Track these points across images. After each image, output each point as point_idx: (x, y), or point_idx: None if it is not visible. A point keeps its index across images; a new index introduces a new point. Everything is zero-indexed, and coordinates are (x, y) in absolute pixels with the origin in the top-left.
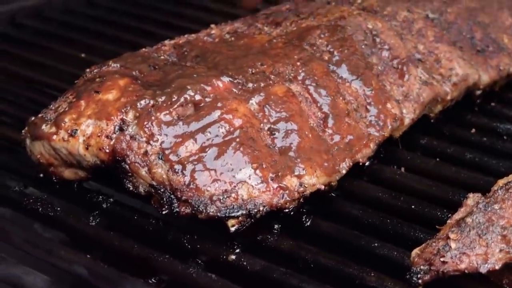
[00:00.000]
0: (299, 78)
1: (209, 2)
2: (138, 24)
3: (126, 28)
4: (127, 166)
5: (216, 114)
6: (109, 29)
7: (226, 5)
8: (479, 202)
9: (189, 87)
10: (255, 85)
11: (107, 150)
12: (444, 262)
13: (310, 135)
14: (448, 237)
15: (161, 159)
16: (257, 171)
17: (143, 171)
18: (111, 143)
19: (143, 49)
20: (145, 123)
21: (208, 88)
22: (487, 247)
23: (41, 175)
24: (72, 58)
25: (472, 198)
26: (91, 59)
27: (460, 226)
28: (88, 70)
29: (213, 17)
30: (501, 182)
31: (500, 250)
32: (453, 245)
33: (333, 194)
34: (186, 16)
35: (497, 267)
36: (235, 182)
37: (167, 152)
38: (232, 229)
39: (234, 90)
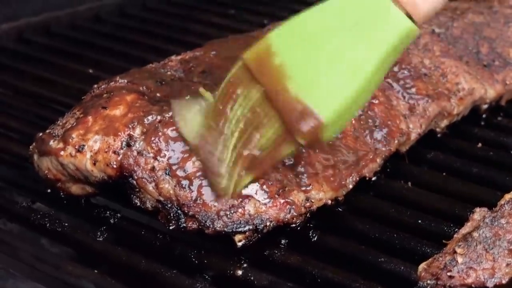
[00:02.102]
0: None
1: (217, 18)
2: (145, 40)
3: (134, 43)
4: (134, 182)
5: None
6: (116, 45)
7: (234, 21)
8: (486, 216)
9: None
10: None
11: (115, 166)
12: (451, 277)
13: (316, 150)
14: (455, 252)
15: (168, 174)
16: (264, 186)
17: (150, 187)
18: (118, 158)
19: (150, 64)
20: (152, 138)
21: None
22: (494, 262)
23: (49, 190)
24: (80, 74)
25: (478, 213)
26: (99, 74)
27: (467, 240)
28: (95, 85)
29: (221, 33)
30: (507, 196)
31: (507, 265)
32: (460, 259)
33: (339, 209)
34: (194, 32)
35: (504, 282)
36: (242, 197)
37: (174, 167)
38: (239, 244)
39: None
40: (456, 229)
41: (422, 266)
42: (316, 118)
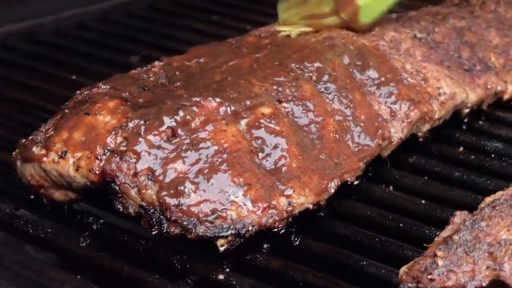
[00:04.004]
0: (288, 98)
1: (200, 24)
2: (129, 46)
3: (117, 50)
4: (117, 187)
5: (205, 135)
6: (100, 51)
7: (217, 27)
8: (466, 219)
9: (178, 108)
10: (244, 106)
11: (97, 172)
12: (431, 280)
13: (298, 155)
14: (435, 255)
15: (151, 180)
16: (246, 191)
17: (133, 192)
18: (101, 164)
19: (133, 70)
20: (135, 144)
21: (197, 110)
22: (474, 264)
23: (32, 196)
24: (63, 80)
25: (459, 216)
26: (82, 81)
27: (447, 243)
28: (78, 92)
29: (204, 39)
30: (488, 199)
31: (487, 267)
32: (440, 262)
33: (321, 213)
34: (177, 38)
35: (484, 284)
36: (224, 202)
37: (156, 173)
38: (221, 248)
39: (223, 111)
40: (437, 233)
41: (403, 269)
42: (354, 2)
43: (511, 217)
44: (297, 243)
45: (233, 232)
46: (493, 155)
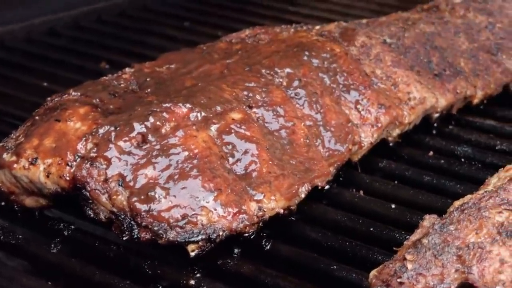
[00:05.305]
0: (258, 104)
1: (172, 30)
2: (100, 53)
3: (88, 56)
4: (88, 193)
5: (176, 140)
6: (71, 57)
7: (188, 33)
8: (435, 223)
9: (148, 114)
10: (214, 112)
11: (68, 178)
12: (401, 283)
13: (269, 160)
14: (404, 258)
15: (121, 185)
16: (217, 196)
17: (104, 198)
18: (72, 170)
19: (104, 77)
20: (105, 150)
21: (168, 115)
22: (443, 268)
23: (3, 203)
24: (34, 87)
25: (428, 220)
26: (53, 87)
27: (417, 247)
28: (49, 98)
29: (176, 45)
30: (457, 203)
31: (456, 270)
32: (409, 266)
33: (292, 218)
34: (149, 44)
35: (453, 287)
36: (194, 207)
37: (127, 179)
38: (192, 254)
39: (194, 117)
40: (407, 236)
41: (373, 273)
42: None
43: (479, 221)
44: (268, 247)
45: (203, 237)
46: (462, 159)
